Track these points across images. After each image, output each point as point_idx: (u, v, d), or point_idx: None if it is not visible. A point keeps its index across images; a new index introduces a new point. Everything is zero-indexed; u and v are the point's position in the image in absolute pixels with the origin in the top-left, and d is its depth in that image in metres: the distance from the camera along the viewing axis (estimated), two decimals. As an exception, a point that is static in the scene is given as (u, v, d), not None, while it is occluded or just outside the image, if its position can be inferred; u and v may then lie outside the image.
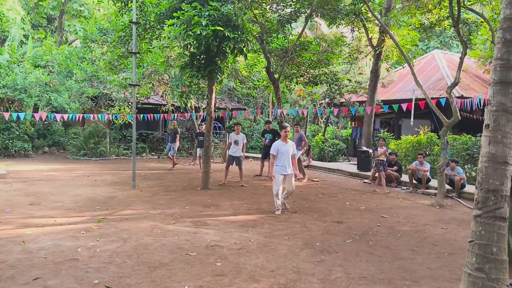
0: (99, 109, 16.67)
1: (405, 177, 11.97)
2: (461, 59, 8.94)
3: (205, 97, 12.67)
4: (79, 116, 13.57)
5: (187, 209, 7.96)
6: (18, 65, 17.09)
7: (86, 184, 10.73)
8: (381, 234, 6.54)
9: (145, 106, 20.12)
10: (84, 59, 16.83)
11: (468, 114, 15.03)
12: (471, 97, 10.63)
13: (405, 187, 11.47)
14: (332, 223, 7.17)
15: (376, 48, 14.24)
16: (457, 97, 13.65)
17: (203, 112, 15.20)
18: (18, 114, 11.59)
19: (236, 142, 11.21)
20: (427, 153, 12.43)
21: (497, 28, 3.45)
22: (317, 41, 13.80)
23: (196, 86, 11.04)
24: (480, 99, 10.08)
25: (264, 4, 12.02)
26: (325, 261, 5.16)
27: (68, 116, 12.62)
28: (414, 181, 11.26)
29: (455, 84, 9.08)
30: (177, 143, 14.19)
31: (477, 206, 3.42)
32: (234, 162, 11.24)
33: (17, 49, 17.85)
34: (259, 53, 13.38)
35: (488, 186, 3.34)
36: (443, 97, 9.71)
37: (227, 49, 9.35)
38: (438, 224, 7.38)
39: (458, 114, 9.00)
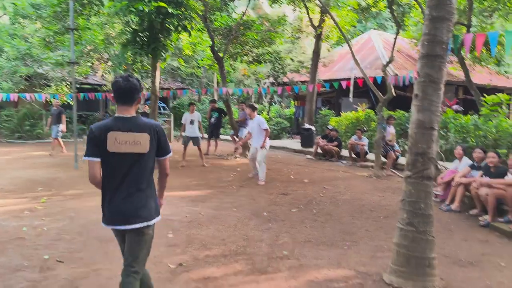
0: (34, 89, 15.77)
1: (345, 152, 12.61)
2: (395, 39, 9.50)
3: (149, 75, 12.42)
4: (13, 96, 12.78)
5: (134, 188, 7.92)
6: None
7: (24, 166, 10.26)
8: (323, 203, 6.96)
9: (84, 86, 19.30)
10: (15, 35, 15.77)
11: (401, 92, 15.98)
12: (403, 75, 11.32)
13: (345, 161, 12.10)
14: (278, 195, 7.50)
15: (317, 28, 14.65)
16: (393, 76, 14.47)
17: (147, 91, 14.91)
18: None
19: (192, 122, 10.86)
20: (365, 129, 13.13)
21: (426, 6, 3.79)
22: (260, 20, 13.93)
23: (139, 64, 10.81)
24: (411, 76, 10.78)
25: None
26: (272, 228, 5.46)
27: (2, 96, 11.86)
28: (353, 155, 11.90)
29: (389, 62, 9.66)
30: (64, 124, 12.66)
31: (408, 168, 3.81)
32: (192, 143, 10.96)
33: None
34: (203, 31, 13.29)
35: (416, 149, 3.72)
36: (379, 75, 10.29)
37: (171, 26, 9.25)
38: (375, 192, 7.95)
39: (393, 90, 9.60)
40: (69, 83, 15.22)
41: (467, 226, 5.84)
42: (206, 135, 14.13)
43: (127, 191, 2.74)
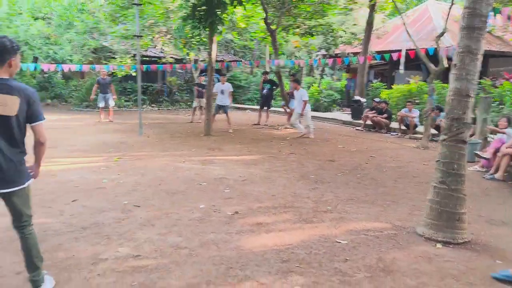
0: (100, 61, 17.01)
1: (395, 124, 12.72)
2: (450, 8, 9.41)
3: (205, 48, 13.07)
4: (85, 67, 13.98)
5: (193, 151, 8.70)
6: (16, 18, 17.21)
7: (95, 132, 11.40)
8: (368, 169, 7.36)
9: (144, 58, 20.40)
10: (83, 10, 16.98)
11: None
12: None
13: (394, 133, 12.24)
14: (325, 162, 7.97)
15: (371, -1, 14.53)
16: (448, 47, 14.16)
17: (203, 64, 15.60)
18: (28, 66, 12.04)
19: (222, 92, 11.90)
20: (416, 101, 13.11)
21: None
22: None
23: (197, 37, 11.46)
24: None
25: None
26: (318, 188, 5.98)
27: (76, 67, 13.07)
28: (403, 127, 12.02)
29: (442, 33, 9.61)
30: (115, 94, 13.66)
31: (444, 132, 4.15)
32: (221, 111, 11.94)
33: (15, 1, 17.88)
34: (257, 4, 13.66)
35: (453, 115, 4.05)
36: (431, 47, 10.24)
37: (227, 0, 9.74)
38: (420, 161, 8.21)
39: (445, 62, 9.59)
40: (132, 56, 16.25)
41: (507, 193, 6.05)
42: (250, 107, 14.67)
43: None
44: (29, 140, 2.88)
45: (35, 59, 17.75)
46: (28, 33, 16.06)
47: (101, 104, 13.62)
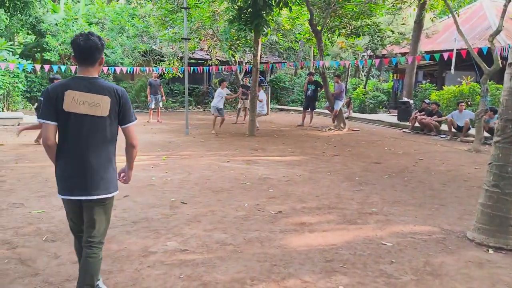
0: (149, 63, 17.65)
1: (444, 127, 12.28)
2: (505, 6, 8.97)
3: (250, 50, 13.22)
4: (134, 69, 14.59)
5: (237, 151, 8.84)
6: (73, 23, 18.19)
7: (144, 131, 11.82)
8: (416, 172, 7.17)
9: (190, 60, 20.92)
10: (134, 15, 17.69)
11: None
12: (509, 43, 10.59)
13: (444, 135, 11.82)
14: (370, 163, 7.84)
15: (421, -3, 14.11)
16: (503, 47, 13.50)
17: (247, 65, 15.74)
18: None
19: (220, 95, 11.53)
20: (469, 102, 12.60)
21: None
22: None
23: (243, 39, 11.63)
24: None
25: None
26: (363, 190, 5.90)
27: (127, 69, 13.68)
28: (453, 130, 11.57)
29: (497, 32, 9.18)
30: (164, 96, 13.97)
31: (497, 134, 3.98)
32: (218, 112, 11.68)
33: (71, 7, 18.93)
34: (302, 5, 13.63)
35: (507, 116, 3.88)
36: (484, 46, 9.80)
37: (273, 2, 9.82)
38: (472, 165, 7.88)
39: (500, 62, 9.15)
40: (179, 58, 16.74)
41: None
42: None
43: (83, 157, 2.51)
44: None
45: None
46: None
47: (152, 105, 14.15)
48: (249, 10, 10.09)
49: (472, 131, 11.10)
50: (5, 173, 6.45)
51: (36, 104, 12.39)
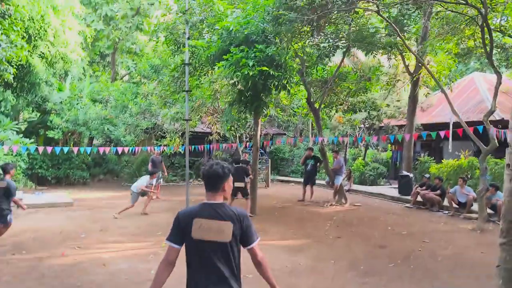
0: (151, 139, 17.96)
1: (446, 202, 12.20)
2: (496, 88, 9.31)
3: (250, 129, 13.51)
4: (137, 149, 14.82)
5: (239, 234, 8.68)
6: (77, 101, 18.76)
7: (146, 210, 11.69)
8: (422, 257, 7.01)
9: (192, 134, 21.29)
10: (137, 93, 18.29)
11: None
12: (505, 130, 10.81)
13: (446, 211, 11.71)
14: (375, 247, 7.69)
15: (414, 75, 14.69)
16: (498, 121, 13.84)
17: (247, 143, 16.06)
18: (85, 148, 12.94)
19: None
20: (468, 176, 12.63)
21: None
22: (354, 71, 14.41)
23: (243, 120, 11.93)
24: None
25: (304, 38, 12.79)
26: (369, 283, 5.73)
27: (129, 149, 13.88)
28: (454, 205, 11.48)
29: (491, 112, 9.44)
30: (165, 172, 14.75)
31: (502, 235, 3.95)
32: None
33: (76, 86, 19.62)
34: (300, 84, 14.14)
35: (510, 217, 3.87)
36: (480, 125, 10.02)
37: (272, 85, 10.18)
38: (478, 248, 7.72)
39: (496, 141, 9.30)
40: (179, 135, 17.06)
41: None
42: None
43: (210, 280, 2.70)
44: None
45: (91, 140, 18.99)
46: (87, 116, 17.38)
47: (153, 182, 14.15)
48: (249, 93, 10.43)
49: (474, 207, 11.02)
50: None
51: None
